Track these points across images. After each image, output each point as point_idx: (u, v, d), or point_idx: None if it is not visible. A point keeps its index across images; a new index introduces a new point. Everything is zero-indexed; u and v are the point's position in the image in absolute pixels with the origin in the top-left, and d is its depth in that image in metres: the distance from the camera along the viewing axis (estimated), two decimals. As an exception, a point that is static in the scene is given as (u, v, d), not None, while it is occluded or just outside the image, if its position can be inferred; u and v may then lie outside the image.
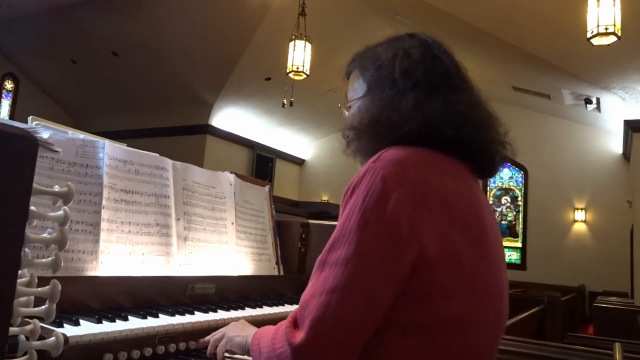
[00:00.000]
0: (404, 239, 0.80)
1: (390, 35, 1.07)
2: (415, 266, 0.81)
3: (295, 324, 0.84)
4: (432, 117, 0.91)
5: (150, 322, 1.07)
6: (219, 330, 1.11)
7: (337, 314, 0.79)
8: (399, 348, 0.82)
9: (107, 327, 0.97)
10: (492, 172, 1.04)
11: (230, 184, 1.67)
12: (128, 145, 1.38)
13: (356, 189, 0.85)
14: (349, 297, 0.80)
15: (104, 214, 1.22)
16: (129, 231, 1.28)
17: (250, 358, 0.95)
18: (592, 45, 4.17)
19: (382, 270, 0.81)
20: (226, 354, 1.07)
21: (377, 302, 0.81)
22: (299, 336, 0.81)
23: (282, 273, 1.80)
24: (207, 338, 1.12)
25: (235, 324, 1.12)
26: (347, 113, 1.09)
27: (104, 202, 1.23)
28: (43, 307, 0.68)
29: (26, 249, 0.63)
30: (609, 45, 4.22)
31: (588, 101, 8.51)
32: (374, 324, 0.82)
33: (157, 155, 1.43)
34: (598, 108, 8.68)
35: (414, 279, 0.81)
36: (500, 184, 10.90)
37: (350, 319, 0.80)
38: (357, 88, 1.06)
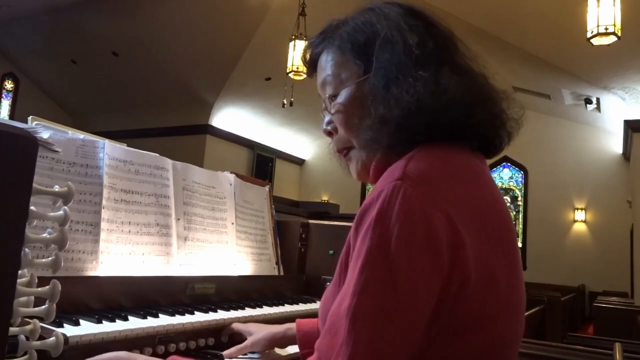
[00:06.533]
0: (446, 272, 0.67)
1: (359, 7, 0.89)
2: (455, 298, 0.69)
3: None
4: (450, 101, 0.77)
5: (150, 322, 1.06)
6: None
7: None
8: None
9: (107, 327, 0.97)
10: (499, 151, 0.90)
11: (230, 184, 1.67)
12: (128, 145, 1.38)
13: (385, 215, 0.67)
14: (396, 354, 0.65)
15: (104, 214, 1.22)
16: (129, 231, 1.27)
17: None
18: (592, 45, 4.17)
19: (425, 321, 0.67)
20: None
21: (415, 344, 0.69)
22: None
23: (282, 273, 1.80)
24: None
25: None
26: (338, 101, 0.87)
27: (104, 202, 1.23)
28: (43, 307, 0.68)
29: (26, 249, 0.62)
30: (609, 45, 4.22)
31: (588, 101, 8.52)
32: None
33: (157, 155, 1.43)
34: (598, 108, 8.68)
35: (451, 311, 0.70)
36: (500, 184, 10.89)
37: None
38: (345, 70, 0.87)
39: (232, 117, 10.67)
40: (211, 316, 1.22)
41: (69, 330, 0.90)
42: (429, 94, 0.76)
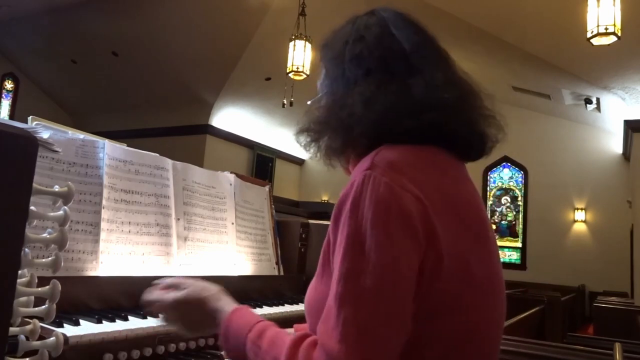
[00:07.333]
0: (423, 248, 0.71)
1: (354, 14, 0.95)
2: (430, 276, 0.72)
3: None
4: (384, 110, 0.81)
5: (150, 322, 1.06)
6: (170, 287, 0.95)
7: (378, 347, 0.67)
8: None
9: (107, 327, 0.97)
10: (481, 154, 0.91)
11: (230, 184, 1.67)
12: (128, 145, 1.38)
13: (359, 203, 0.72)
14: (388, 330, 0.68)
15: (104, 214, 1.22)
16: (129, 231, 1.27)
17: None
18: (592, 45, 4.17)
19: (411, 294, 0.70)
20: None
21: (406, 323, 0.71)
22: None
23: (282, 273, 1.80)
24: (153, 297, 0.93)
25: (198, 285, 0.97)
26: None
27: (104, 202, 1.23)
28: (43, 307, 0.68)
29: (26, 249, 0.62)
30: (609, 45, 4.21)
31: (588, 101, 8.51)
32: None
33: (157, 155, 1.43)
34: (598, 108, 8.68)
35: (426, 293, 0.72)
36: (500, 184, 10.89)
37: (390, 347, 0.69)
38: (322, 81, 0.96)
39: (232, 117, 10.67)
40: (211, 316, 1.22)
41: (69, 330, 0.91)
42: (337, 109, 0.85)
